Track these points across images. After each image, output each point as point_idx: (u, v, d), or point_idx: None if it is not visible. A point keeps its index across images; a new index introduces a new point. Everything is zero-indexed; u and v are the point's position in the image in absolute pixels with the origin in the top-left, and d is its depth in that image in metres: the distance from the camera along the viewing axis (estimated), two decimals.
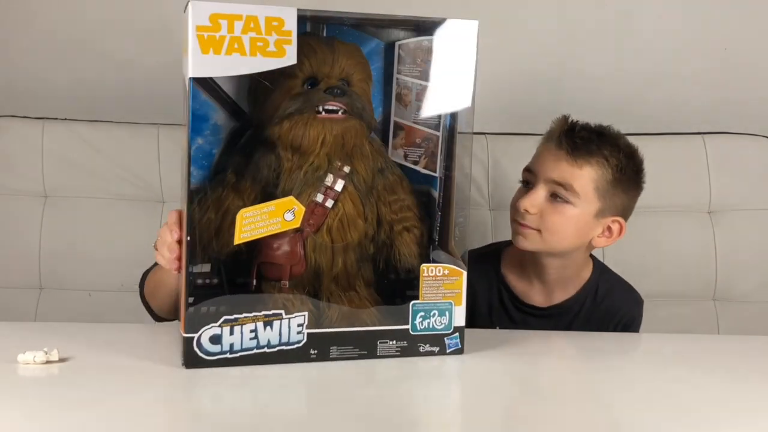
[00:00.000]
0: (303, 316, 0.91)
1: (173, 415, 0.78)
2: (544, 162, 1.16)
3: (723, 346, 1.14)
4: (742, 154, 1.56)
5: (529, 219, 1.14)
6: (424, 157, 0.94)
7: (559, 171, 1.13)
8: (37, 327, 1.15)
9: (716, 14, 1.68)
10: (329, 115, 0.89)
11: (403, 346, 0.95)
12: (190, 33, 0.83)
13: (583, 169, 1.13)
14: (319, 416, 0.78)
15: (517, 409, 0.83)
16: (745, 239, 1.53)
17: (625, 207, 1.18)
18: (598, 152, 1.13)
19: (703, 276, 1.52)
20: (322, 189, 0.90)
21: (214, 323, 0.88)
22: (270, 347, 0.90)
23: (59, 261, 1.50)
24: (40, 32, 1.66)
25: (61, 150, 1.52)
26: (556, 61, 1.68)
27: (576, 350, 1.08)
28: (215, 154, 0.88)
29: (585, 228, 1.16)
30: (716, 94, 1.69)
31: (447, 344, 0.96)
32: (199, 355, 0.88)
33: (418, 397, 0.86)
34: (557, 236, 1.14)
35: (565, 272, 1.21)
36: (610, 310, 1.23)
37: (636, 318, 1.26)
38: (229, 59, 0.85)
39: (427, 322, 0.96)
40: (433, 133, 0.94)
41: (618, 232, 1.18)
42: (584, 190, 1.13)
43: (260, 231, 0.89)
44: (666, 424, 0.78)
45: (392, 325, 0.94)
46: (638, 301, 1.27)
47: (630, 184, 1.17)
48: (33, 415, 0.75)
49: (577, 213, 1.14)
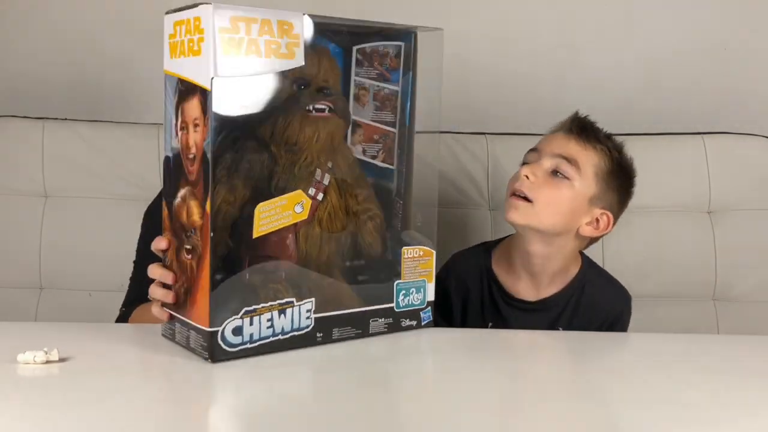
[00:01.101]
0: (311, 302, 0.96)
1: (173, 415, 0.78)
2: (551, 141, 1.20)
3: (723, 346, 1.13)
4: (742, 154, 1.56)
5: (526, 185, 1.16)
6: (382, 152, 1.01)
7: (566, 147, 1.18)
8: (37, 327, 1.15)
9: (716, 14, 1.68)
10: (319, 114, 0.94)
11: (389, 322, 1.04)
12: (211, 34, 0.84)
13: (589, 151, 1.18)
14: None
15: (517, 407, 0.83)
16: (745, 239, 1.53)
17: (616, 204, 1.22)
18: (604, 140, 1.20)
19: (703, 276, 1.52)
20: (314, 183, 0.95)
21: (236, 315, 0.90)
22: (283, 334, 0.94)
23: (59, 261, 1.50)
24: (40, 32, 1.66)
25: (61, 150, 1.52)
26: (556, 61, 1.68)
27: (576, 350, 1.08)
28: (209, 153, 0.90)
29: (577, 210, 1.18)
30: (716, 94, 1.69)
31: (422, 318, 1.07)
32: (223, 348, 0.90)
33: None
34: (548, 210, 1.16)
35: (552, 264, 1.22)
36: (597, 306, 1.24)
37: (623, 314, 1.26)
38: (247, 60, 0.87)
39: (407, 299, 1.06)
40: (390, 130, 1.02)
41: (605, 226, 1.20)
42: (586, 168, 1.17)
43: (275, 224, 0.93)
44: (666, 424, 0.78)
45: (373, 305, 1.02)
46: (626, 297, 1.28)
47: (623, 185, 1.22)
48: (33, 415, 0.75)
49: (573, 192, 1.17)
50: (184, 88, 0.89)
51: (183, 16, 0.88)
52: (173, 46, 0.90)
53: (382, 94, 1.00)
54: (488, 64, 1.67)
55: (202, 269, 0.89)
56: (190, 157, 0.89)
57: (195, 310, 0.90)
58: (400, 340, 1.03)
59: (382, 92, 1.00)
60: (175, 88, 0.90)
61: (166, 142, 0.93)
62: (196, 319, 0.90)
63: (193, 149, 0.88)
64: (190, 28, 0.87)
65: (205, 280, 0.88)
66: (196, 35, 0.86)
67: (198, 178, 0.88)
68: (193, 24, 0.86)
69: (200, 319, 0.89)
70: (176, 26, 0.89)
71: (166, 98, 0.92)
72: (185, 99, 0.89)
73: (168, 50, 0.91)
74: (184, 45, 0.88)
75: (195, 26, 0.86)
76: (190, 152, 0.89)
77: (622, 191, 1.22)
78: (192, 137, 0.88)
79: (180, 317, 0.93)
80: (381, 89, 1.00)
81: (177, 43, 0.89)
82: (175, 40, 0.90)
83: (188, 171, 0.90)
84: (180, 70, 0.89)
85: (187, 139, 0.89)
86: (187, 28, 0.88)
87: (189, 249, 0.90)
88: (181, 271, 0.92)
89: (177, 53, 0.90)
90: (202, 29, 0.85)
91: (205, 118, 0.86)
